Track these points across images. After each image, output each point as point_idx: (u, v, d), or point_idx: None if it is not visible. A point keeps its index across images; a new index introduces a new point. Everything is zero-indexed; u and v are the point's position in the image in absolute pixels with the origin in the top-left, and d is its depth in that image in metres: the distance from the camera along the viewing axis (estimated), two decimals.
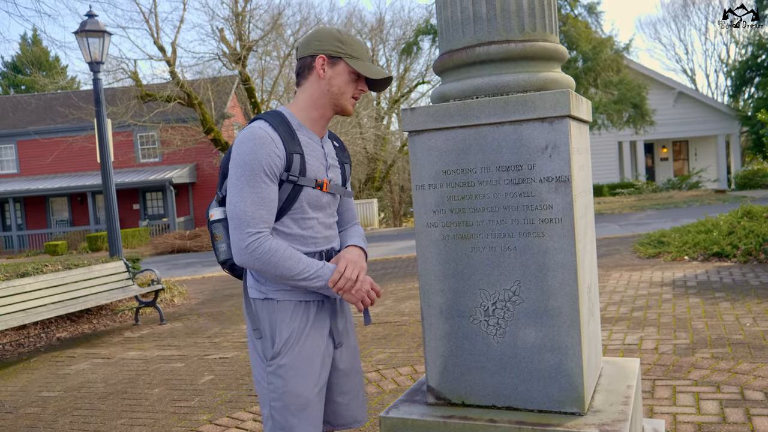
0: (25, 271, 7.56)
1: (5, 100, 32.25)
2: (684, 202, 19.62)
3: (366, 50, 2.04)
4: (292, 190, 1.96)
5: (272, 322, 2.00)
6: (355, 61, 2.00)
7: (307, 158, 1.98)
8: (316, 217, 2.04)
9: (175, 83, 19.98)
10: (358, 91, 2.05)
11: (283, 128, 1.95)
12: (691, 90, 29.15)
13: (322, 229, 2.07)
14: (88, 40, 9.07)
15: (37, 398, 4.92)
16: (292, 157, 1.93)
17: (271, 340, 1.99)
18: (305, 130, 2.02)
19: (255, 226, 1.88)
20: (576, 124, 2.22)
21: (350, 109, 2.06)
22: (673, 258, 8.88)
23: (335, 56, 1.99)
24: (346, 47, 1.99)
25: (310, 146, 2.01)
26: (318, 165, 2.02)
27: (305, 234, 2.02)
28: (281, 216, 1.98)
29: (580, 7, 22.78)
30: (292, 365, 1.97)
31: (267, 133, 1.91)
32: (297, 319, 2.00)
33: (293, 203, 1.98)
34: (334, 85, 2.00)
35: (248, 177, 1.88)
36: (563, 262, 2.12)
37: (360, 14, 41.71)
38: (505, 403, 2.24)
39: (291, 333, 1.98)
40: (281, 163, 1.92)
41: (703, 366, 4.20)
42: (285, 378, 1.96)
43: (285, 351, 1.97)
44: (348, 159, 2.23)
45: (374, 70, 2.03)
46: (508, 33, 2.23)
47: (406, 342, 5.59)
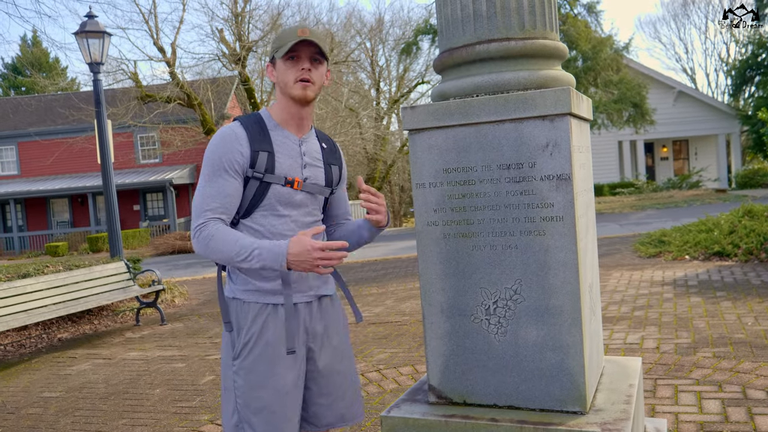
0: (27, 272, 7.56)
1: (6, 101, 32.26)
2: (684, 202, 19.60)
3: (292, 31, 2.01)
4: (259, 186, 2.00)
5: (238, 321, 2.04)
6: (280, 50, 2.00)
7: (277, 156, 2.02)
8: (289, 215, 2.05)
9: (175, 84, 19.97)
10: (300, 72, 2.01)
11: (255, 128, 2.02)
12: (691, 89, 29.12)
13: (296, 227, 2.06)
14: (88, 41, 9.07)
15: (38, 399, 4.92)
16: (257, 154, 1.98)
17: (237, 337, 2.05)
18: (280, 129, 2.06)
19: (204, 216, 1.96)
20: (577, 122, 2.22)
21: (300, 93, 2.01)
22: (674, 257, 8.87)
23: (273, 59, 2.06)
24: (275, 44, 2.03)
25: (283, 145, 2.04)
26: (290, 163, 2.04)
27: (275, 231, 2.03)
28: (251, 212, 2.03)
29: (579, 6, 22.76)
30: (250, 368, 2.00)
31: (233, 132, 1.99)
32: (259, 323, 2.02)
33: (261, 200, 2.01)
34: (280, 81, 2.03)
35: (208, 172, 1.98)
36: (564, 261, 2.12)
37: (359, 14, 41.71)
38: (507, 402, 2.24)
39: (252, 336, 2.01)
40: (243, 160, 1.97)
41: (705, 365, 4.20)
42: (245, 379, 2.01)
43: (245, 353, 2.01)
44: (338, 161, 2.22)
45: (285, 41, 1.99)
46: (509, 31, 2.22)
47: (406, 342, 5.59)
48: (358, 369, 4.86)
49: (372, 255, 13.46)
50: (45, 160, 28.16)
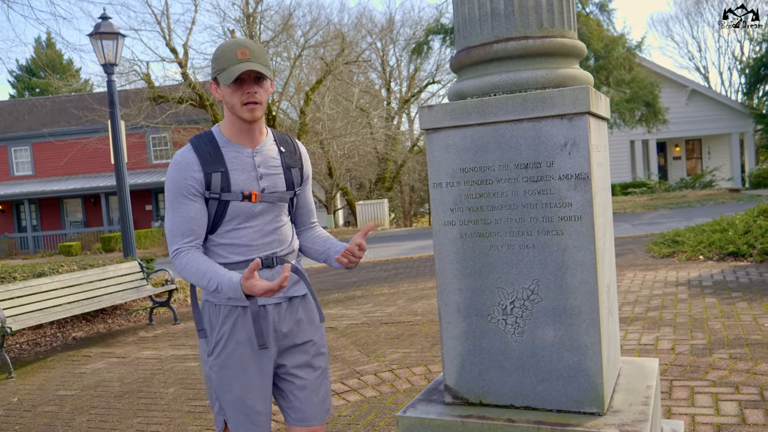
0: (42, 271, 7.63)
1: (21, 102, 32.57)
2: (697, 201, 19.44)
3: (232, 54, 2.01)
4: (218, 205, 2.09)
5: (210, 322, 2.16)
6: (223, 73, 2.02)
7: (231, 173, 2.08)
8: (252, 226, 2.13)
9: (187, 85, 20.08)
10: (246, 95, 2.03)
11: (206, 149, 2.08)
12: (704, 88, 28.88)
13: (260, 236, 2.14)
14: (102, 43, 9.13)
15: (54, 397, 4.96)
16: (210, 176, 2.05)
17: (210, 338, 2.17)
18: (232, 145, 2.11)
19: (176, 243, 2.09)
20: (595, 121, 2.20)
21: (247, 116, 2.05)
22: (688, 257, 8.80)
23: (215, 78, 2.08)
24: (217, 64, 2.05)
25: (236, 160, 2.10)
26: (245, 178, 2.10)
27: (239, 242, 2.12)
28: (216, 228, 2.13)
29: (591, 5, 22.63)
30: (222, 364, 2.13)
31: (185, 159, 2.07)
32: (229, 323, 2.12)
33: (223, 216, 2.10)
34: (227, 101, 2.08)
35: (171, 200, 2.09)
36: (582, 261, 2.11)
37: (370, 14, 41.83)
38: (524, 402, 2.23)
39: (223, 335, 2.13)
40: (199, 184, 2.06)
41: (721, 366, 4.16)
42: (217, 374, 2.15)
43: (217, 351, 2.14)
44: (298, 162, 2.25)
45: (232, 72, 1.99)
46: (526, 29, 2.21)
47: (419, 342, 5.58)
48: (371, 369, 4.86)
49: (383, 255, 13.47)
50: (59, 160, 28.40)
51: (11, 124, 29.83)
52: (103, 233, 25.90)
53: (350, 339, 5.94)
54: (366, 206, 25.10)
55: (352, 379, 4.63)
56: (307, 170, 2.29)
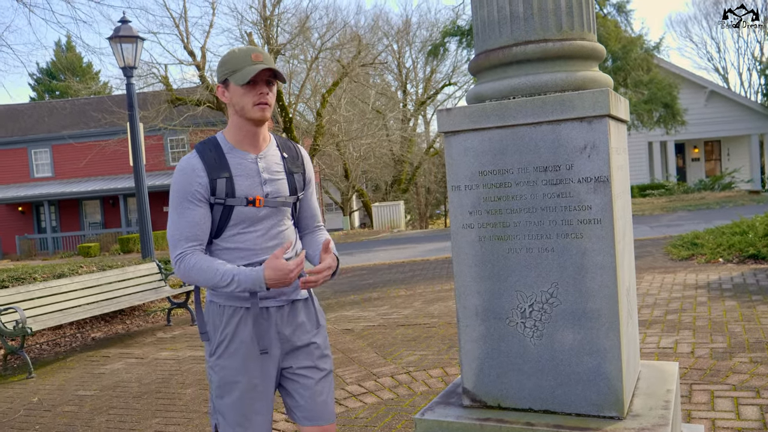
0: (61, 272, 7.72)
1: (41, 105, 32.99)
2: (717, 203, 19.24)
3: (246, 56, 2.09)
4: (223, 210, 2.12)
5: (214, 322, 2.19)
6: (235, 74, 2.08)
7: (236, 179, 2.12)
8: (256, 231, 2.16)
9: (205, 87, 20.22)
10: (258, 96, 2.09)
11: (212, 155, 2.12)
12: (723, 89, 28.60)
13: (264, 241, 2.17)
14: (121, 46, 9.23)
15: (73, 397, 5.01)
16: (215, 182, 2.09)
17: (213, 339, 2.20)
18: (236, 151, 2.15)
19: (180, 247, 2.10)
20: (615, 124, 2.19)
21: (259, 115, 2.11)
22: (707, 260, 8.71)
23: (224, 80, 2.13)
24: (228, 66, 2.10)
25: (240, 166, 2.14)
26: (249, 183, 2.14)
27: (244, 247, 2.15)
28: (221, 233, 2.16)
29: (609, 6, 22.50)
30: (224, 365, 2.16)
31: (190, 164, 2.10)
32: (232, 325, 2.15)
33: (228, 221, 2.14)
34: (236, 104, 2.11)
35: (176, 205, 2.12)
36: (602, 264, 2.10)
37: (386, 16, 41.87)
38: (543, 406, 2.22)
39: (226, 336, 2.16)
40: (204, 190, 2.09)
41: (742, 370, 4.12)
42: (218, 375, 2.17)
43: (219, 352, 2.17)
44: (301, 168, 2.29)
45: (246, 73, 2.06)
46: (546, 32, 2.20)
47: (436, 344, 5.57)
48: (388, 371, 4.86)
49: (399, 257, 13.46)
50: (78, 162, 28.73)
51: (31, 127, 30.21)
52: (121, 234, 26.16)
53: (367, 341, 5.95)
54: (382, 208, 25.12)
55: (369, 381, 4.64)
56: (309, 175, 2.33)
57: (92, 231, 27.99)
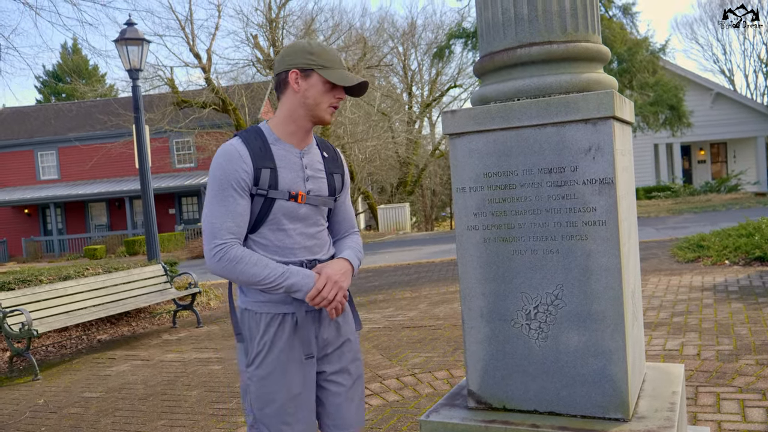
0: (67, 274, 7.74)
1: (47, 107, 33.12)
2: (723, 205, 19.17)
3: (338, 58, 2.07)
4: (264, 202, 2.02)
5: (250, 331, 2.09)
6: (328, 70, 2.02)
7: (280, 171, 2.03)
8: (294, 228, 2.07)
9: (210, 89, 20.29)
10: (336, 100, 2.06)
11: (256, 143, 2.02)
12: (729, 91, 28.53)
13: (302, 239, 2.08)
14: (127, 48, 9.27)
15: (79, 399, 5.03)
16: (260, 171, 1.99)
17: (250, 346, 2.09)
18: (281, 143, 2.06)
19: (221, 237, 1.97)
20: (619, 126, 2.19)
21: (328, 119, 2.07)
22: (713, 262, 8.68)
23: (307, 68, 2.02)
24: (318, 58, 2.02)
25: (285, 159, 2.05)
26: (293, 177, 2.05)
27: (281, 244, 2.05)
28: (258, 227, 2.05)
29: (614, 8, 22.49)
30: (263, 376, 2.05)
31: (235, 149, 1.99)
32: (271, 333, 2.06)
33: (267, 215, 2.03)
34: (309, 96, 2.03)
35: (217, 191, 1.99)
36: (607, 266, 2.10)
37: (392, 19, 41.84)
38: (548, 408, 2.22)
39: (263, 346, 2.06)
40: (249, 178, 1.99)
41: (748, 372, 4.10)
42: (258, 386, 2.07)
43: (257, 362, 2.06)
44: (340, 169, 2.22)
45: (347, 77, 2.04)
46: (550, 34, 2.21)
47: (441, 346, 5.57)
48: (393, 373, 4.86)
49: (405, 259, 13.46)
50: (84, 164, 28.86)
51: (38, 129, 30.35)
52: (127, 236, 26.23)
53: (372, 343, 5.95)
54: (387, 210, 25.14)
55: (375, 383, 4.64)
56: (347, 177, 2.27)
57: (98, 233, 28.08)
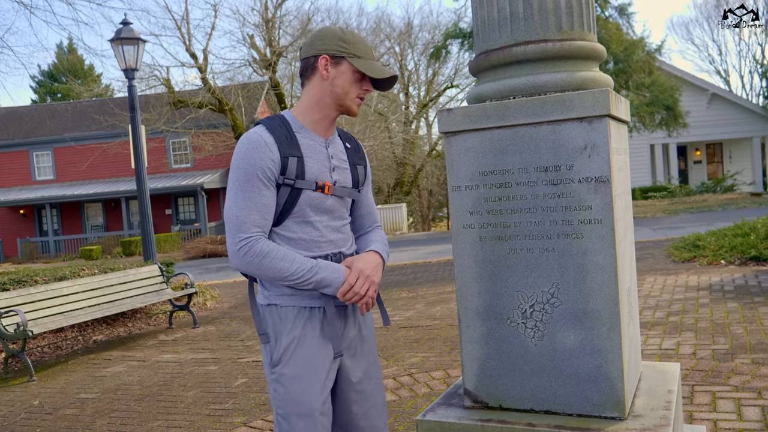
0: (63, 275, 7.72)
1: (42, 108, 33.04)
2: (719, 206, 19.25)
3: (370, 49, 2.00)
4: (290, 193, 1.93)
5: (275, 327, 1.98)
6: (359, 60, 1.96)
7: (306, 161, 1.94)
8: (320, 220, 1.99)
9: (207, 90, 20.28)
10: (363, 91, 2.00)
11: (281, 131, 1.93)
12: (724, 91, 28.63)
13: (328, 232, 2.01)
14: (123, 48, 9.25)
15: (75, 400, 5.01)
16: (287, 160, 1.90)
17: (275, 345, 1.98)
18: (306, 132, 1.99)
19: (247, 230, 1.87)
20: (615, 124, 2.20)
21: (355, 110, 2.01)
22: (709, 262, 8.72)
23: (338, 56, 1.95)
24: (350, 46, 1.95)
25: (311, 148, 1.97)
26: (319, 167, 1.98)
27: (307, 237, 1.97)
28: (283, 220, 1.96)
29: (610, 9, 22.59)
30: (293, 374, 1.94)
31: (261, 138, 1.90)
32: (299, 327, 1.96)
33: (293, 206, 1.95)
34: (338, 85, 1.96)
35: (241, 182, 1.89)
36: (603, 264, 2.09)
37: (388, 19, 41.75)
38: (544, 406, 2.22)
39: (291, 341, 1.95)
40: (276, 167, 1.89)
41: (744, 371, 4.12)
42: (286, 386, 1.94)
43: (285, 359, 1.95)
44: (363, 161, 2.16)
45: (379, 69, 1.98)
46: (546, 32, 2.20)
47: (438, 346, 5.57)
48: (390, 373, 4.86)
49: (402, 259, 13.47)
50: (80, 165, 28.82)
51: (33, 129, 30.30)
52: (123, 237, 26.19)
53: None
54: (384, 210, 25.15)
55: None
56: (369, 170, 2.21)
57: (94, 234, 28.03)
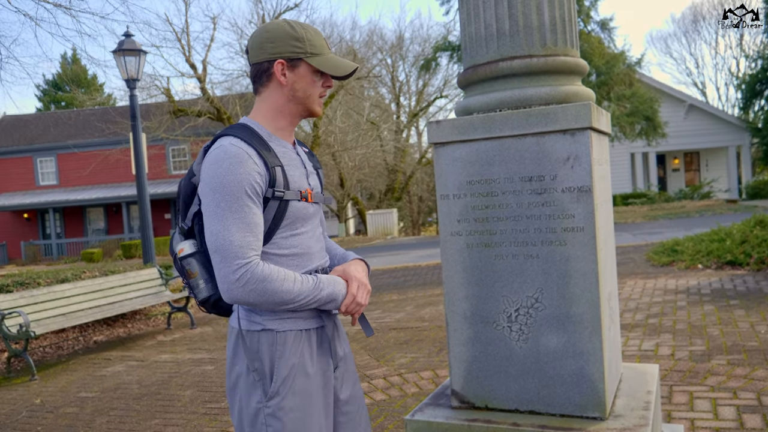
0: (65, 277, 7.80)
1: (47, 115, 33.22)
2: (696, 212, 19.47)
3: (324, 40, 1.82)
4: (278, 207, 1.73)
5: (271, 356, 1.73)
6: (317, 58, 1.77)
7: (287, 169, 1.76)
8: (306, 231, 1.82)
9: (206, 99, 20.41)
10: (324, 88, 1.82)
11: (257, 141, 1.71)
12: (701, 103, 29.14)
13: (313, 243, 1.84)
14: (125, 59, 9.38)
15: (75, 398, 5.08)
16: (274, 170, 1.70)
17: (270, 377, 1.73)
18: (277, 139, 1.80)
19: (244, 255, 1.62)
20: (597, 136, 2.25)
21: (319, 111, 1.84)
22: (687, 266, 8.85)
23: (294, 58, 1.76)
24: (305, 44, 1.76)
25: (287, 156, 1.79)
26: (299, 174, 1.80)
27: (299, 252, 1.79)
28: (271, 236, 1.74)
29: (593, 23, 22.97)
30: (292, 407, 1.72)
31: (242, 150, 1.66)
32: (297, 353, 1.75)
33: (282, 220, 1.74)
34: (299, 89, 1.78)
35: (229, 202, 1.63)
36: (585, 270, 2.15)
37: (381, 32, 41.76)
38: (528, 407, 2.27)
39: (291, 369, 1.73)
40: (263, 181, 1.68)
41: (720, 372, 4.22)
42: (284, 421, 1.71)
43: (284, 391, 1.72)
44: (319, 165, 1.99)
45: (340, 64, 1.81)
46: (531, 48, 2.28)
47: (427, 347, 5.66)
48: (381, 373, 4.95)
49: (392, 263, 13.53)
50: (82, 171, 28.93)
51: (37, 136, 30.44)
52: (123, 241, 26.26)
53: (360, 344, 6.04)
54: (376, 215, 25.26)
55: (362, 383, 4.72)
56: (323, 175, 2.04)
57: (96, 237, 28.13)
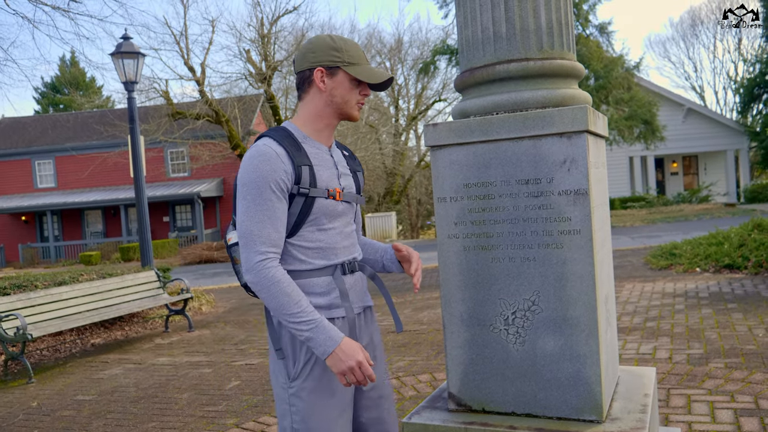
0: (62, 280, 7.79)
1: (45, 118, 33.23)
2: (694, 215, 19.52)
3: (362, 52, 1.99)
4: (304, 202, 1.91)
5: (293, 341, 1.92)
6: (354, 67, 1.95)
7: (316, 169, 1.93)
8: (334, 227, 1.99)
9: (204, 102, 20.42)
10: (362, 96, 2.00)
11: (289, 142, 1.91)
12: (700, 106, 29.18)
13: (341, 239, 2.01)
14: (123, 62, 9.40)
15: (72, 401, 5.08)
16: (300, 169, 1.88)
17: (293, 359, 1.93)
18: (311, 141, 1.98)
19: (262, 249, 1.83)
20: (593, 139, 2.26)
21: (356, 115, 2.01)
22: (685, 269, 8.88)
23: (333, 66, 1.94)
24: (343, 54, 1.94)
25: (318, 156, 1.97)
26: (328, 174, 1.97)
27: (323, 246, 1.96)
28: (298, 229, 1.93)
29: (591, 27, 23.00)
30: (313, 388, 1.90)
31: (271, 149, 1.86)
32: None
33: (307, 216, 1.93)
34: (337, 95, 1.96)
35: (254, 195, 1.84)
36: (581, 273, 2.15)
37: (379, 35, 41.68)
38: (525, 410, 2.26)
39: (312, 355, 1.91)
40: (289, 178, 1.87)
41: (717, 375, 4.22)
42: (307, 401, 1.90)
43: (305, 374, 1.91)
44: (359, 167, 2.17)
45: (374, 73, 1.99)
46: (527, 51, 2.27)
47: (424, 350, 5.66)
48: None
49: None
50: (80, 173, 28.96)
51: (35, 139, 30.46)
52: (121, 243, 26.24)
53: None
54: (375, 218, 25.27)
55: None
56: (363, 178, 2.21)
57: (94, 240, 28.10)
